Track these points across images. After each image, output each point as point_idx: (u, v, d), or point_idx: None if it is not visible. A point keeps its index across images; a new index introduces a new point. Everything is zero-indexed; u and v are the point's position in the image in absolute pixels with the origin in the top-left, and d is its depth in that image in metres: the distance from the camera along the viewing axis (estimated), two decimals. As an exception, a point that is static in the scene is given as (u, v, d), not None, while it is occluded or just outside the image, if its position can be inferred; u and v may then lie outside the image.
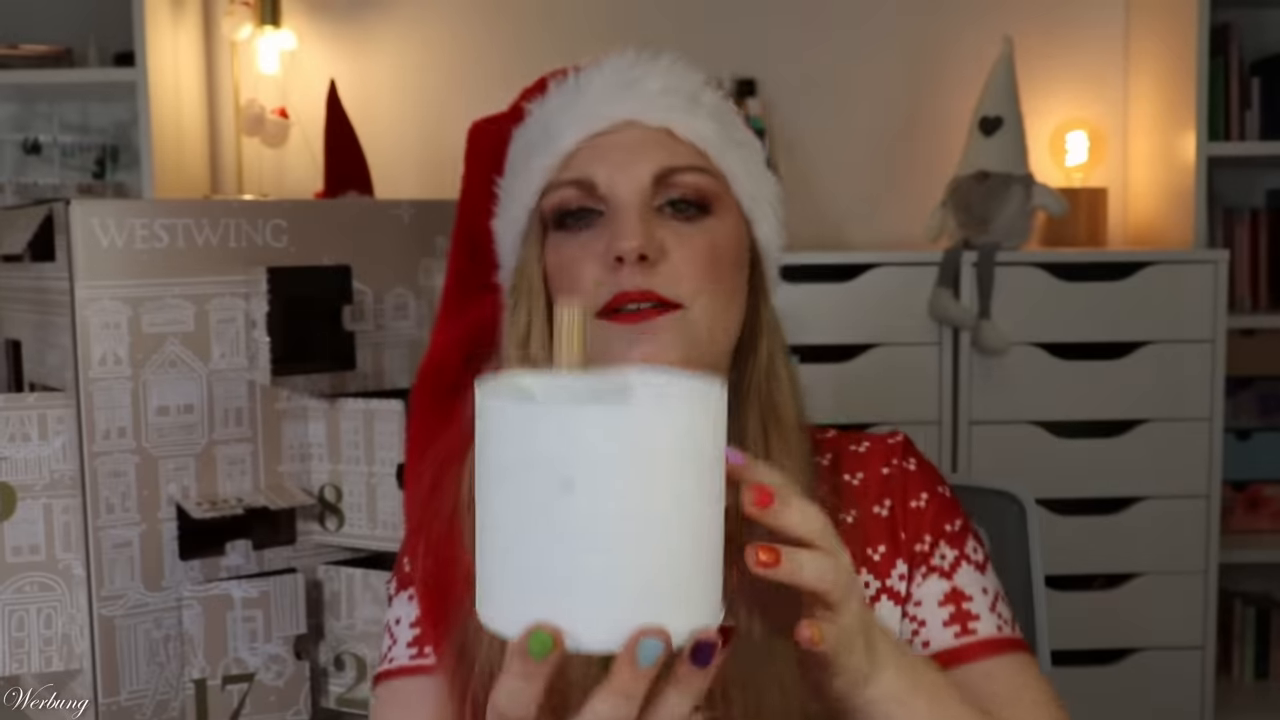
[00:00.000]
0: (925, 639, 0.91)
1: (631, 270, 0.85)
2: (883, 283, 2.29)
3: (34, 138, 2.72)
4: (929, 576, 0.92)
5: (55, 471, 1.14)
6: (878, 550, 0.94)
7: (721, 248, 0.89)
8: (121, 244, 1.12)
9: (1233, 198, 2.72)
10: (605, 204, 0.88)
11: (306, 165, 2.68)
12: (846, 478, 0.96)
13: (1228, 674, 2.66)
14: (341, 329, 1.18)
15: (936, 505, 0.95)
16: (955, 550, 0.93)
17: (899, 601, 0.92)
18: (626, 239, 0.84)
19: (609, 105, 0.90)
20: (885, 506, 0.95)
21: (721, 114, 0.92)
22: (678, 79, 0.92)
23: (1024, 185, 2.36)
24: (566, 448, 0.54)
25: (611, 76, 0.91)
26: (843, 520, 0.93)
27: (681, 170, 0.88)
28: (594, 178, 0.88)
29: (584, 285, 0.87)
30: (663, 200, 0.88)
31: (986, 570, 0.94)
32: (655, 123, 0.89)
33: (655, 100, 0.90)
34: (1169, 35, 2.49)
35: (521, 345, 0.90)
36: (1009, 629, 0.91)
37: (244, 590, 1.17)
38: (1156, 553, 2.32)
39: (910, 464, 0.97)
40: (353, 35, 2.75)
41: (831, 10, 2.71)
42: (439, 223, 1.27)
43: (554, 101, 0.93)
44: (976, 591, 0.92)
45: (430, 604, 0.94)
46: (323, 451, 1.22)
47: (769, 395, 0.91)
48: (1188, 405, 2.30)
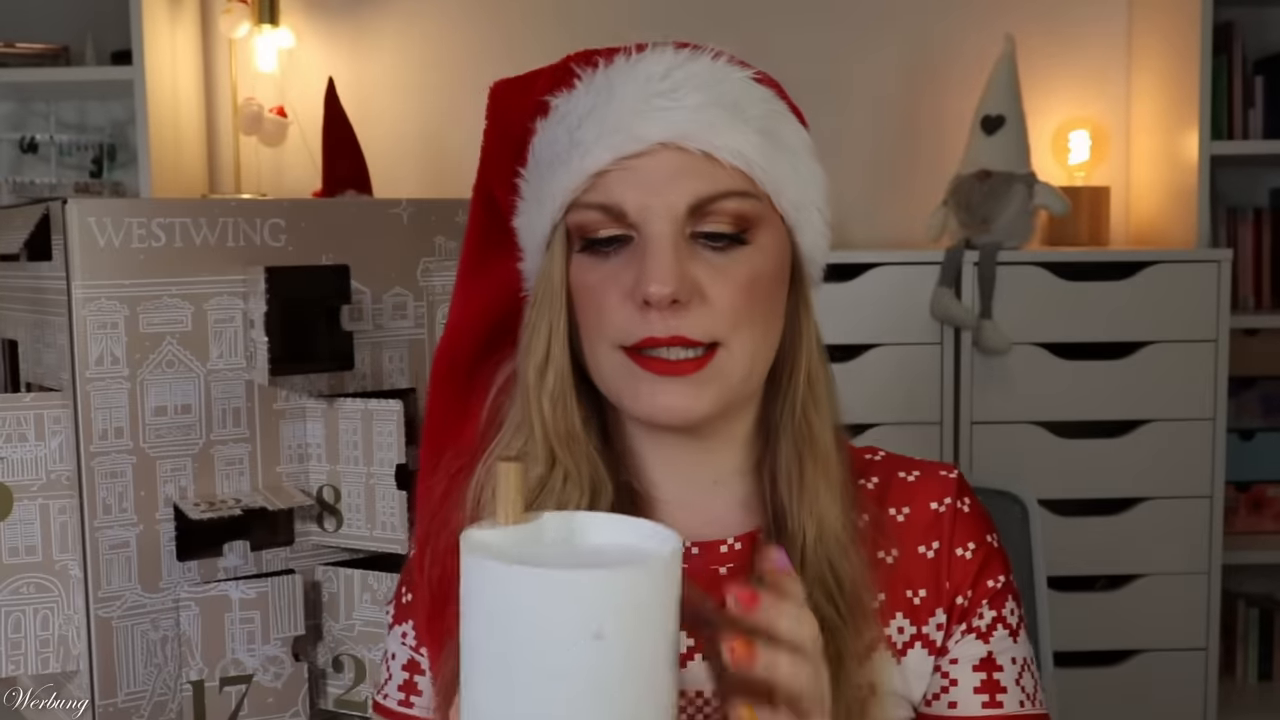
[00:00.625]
0: (954, 699, 0.89)
1: (662, 314, 0.80)
2: (884, 282, 2.28)
3: (31, 136, 2.71)
4: (967, 636, 0.89)
5: (52, 472, 1.13)
6: (918, 594, 0.90)
7: (760, 275, 0.83)
8: (119, 243, 1.11)
9: (1236, 197, 2.71)
10: (635, 231, 0.81)
11: (305, 164, 2.67)
12: (892, 512, 0.92)
13: (1231, 675, 2.65)
14: (340, 329, 1.17)
15: (983, 557, 0.91)
16: (994, 612, 0.90)
17: (933, 651, 0.89)
18: (657, 282, 0.78)
19: (642, 122, 0.81)
20: (932, 548, 0.90)
21: (769, 119, 0.84)
22: (720, 85, 0.82)
23: (1026, 184, 2.36)
24: (584, 608, 0.57)
25: (645, 85, 0.82)
26: (881, 560, 0.89)
27: (721, 197, 0.81)
28: (623, 205, 0.81)
29: (610, 320, 0.82)
30: (698, 229, 0.82)
31: (1019, 636, 0.91)
32: (695, 146, 0.80)
33: (695, 117, 0.81)
34: (1172, 33, 2.49)
35: (540, 372, 0.86)
36: (1030, 704, 0.89)
37: (242, 591, 1.16)
38: (1159, 554, 2.32)
39: (964, 505, 0.92)
40: (351, 33, 2.74)
41: (832, 9, 2.70)
42: (438, 222, 1.26)
43: (581, 102, 0.84)
44: (1007, 661, 0.89)
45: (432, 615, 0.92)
46: (321, 452, 1.21)
47: (805, 423, 0.87)
48: (1190, 405, 2.30)
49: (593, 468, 0.87)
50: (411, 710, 0.96)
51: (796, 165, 0.85)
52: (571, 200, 0.83)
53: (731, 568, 0.89)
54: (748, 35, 2.64)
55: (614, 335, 0.82)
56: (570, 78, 0.85)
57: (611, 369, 0.84)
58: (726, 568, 0.89)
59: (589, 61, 0.85)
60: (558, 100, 0.85)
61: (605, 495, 0.87)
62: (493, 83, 0.91)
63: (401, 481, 1.17)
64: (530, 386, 0.87)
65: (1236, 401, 2.62)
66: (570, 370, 0.87)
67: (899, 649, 0.89)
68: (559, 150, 0.84)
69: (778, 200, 0.84)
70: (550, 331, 0.86)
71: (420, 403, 1.25)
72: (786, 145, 0.85)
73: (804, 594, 0.68)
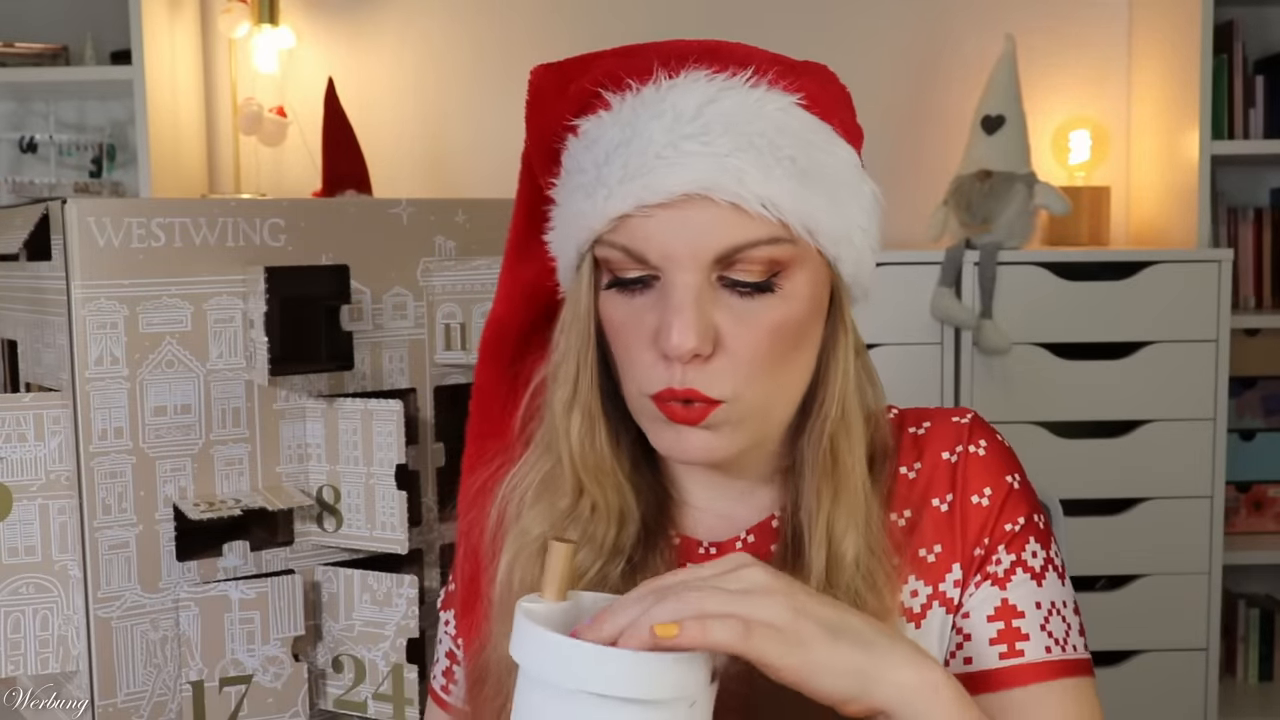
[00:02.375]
0: (968, 655, 0.85)
1: (682, 367, 0.79)
2: (884, 282, 2.28)
3: (30, 136, 2.71)
4: (982, 585, 0.86)
5: (51, 472, 1.13)
6: (933, 550, 0.87)
7: (786, 322, 0.81)
8: (118, 243, 1.11)
9: (1236, 197, 2.71)
10: (660, 273, 0.80)
11: (304, 164, 2.67)
12: (904, 470, 0.89)
13: (1231, 676, 2.65)
14: (339, 329, 1.17)
15: (1000, 500, 0.87)
16: (1012, 555, 0.86)
17: (951, 609, 0.86)
18: (676, 337, 0.77)
19: (667, 170, 0.77)
20: (946, 501, 0.87)
21: (807, 152, 0.80)
22: (753, 124, 0.78)
23: (1026, 184, 2.35)
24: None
25: (673, 125, 0.78)
26: (893, 523, 0.87)
27: (750, 247, 0.78)
28: (646, 253, 0.79)
29: (636, 367, 0.82)
30: (726, 274, 0.79)
31: (1045, 579, 0.86)
32: (722, 197, 0.77)
33: (723, 165, 0.77)
34: (1172, 33, 2.48)
35: (567, 407, 0.86)
36: (1061, 649, 0.84)
37: (241, 592, 1.16)
38: (1160, 554, 2.31)
39: (978, 448, 0.89)
40: (351, 33, 2.74)
41: (832, 9, 2.70)
42: (438, 222, 1.26)
43: (608, 134, 0.80)
44: (1030, 606, 0.85)
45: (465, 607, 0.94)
46: (320, 452, 1.21)
47: (830, 456, 0.84)
48: (1191, 405, 2.29)
49: (620, 499, 0.88)
50: (449, 697, 0.99)
51: (836, 194, 0.82)
52: (597, 237, 0.81)
53: None
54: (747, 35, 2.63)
55: (640, 382, 0.82)
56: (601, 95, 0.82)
57: (639, 410, 0.84)
58: None
59: (619, 84, 0.81)
60: (586, 125, 0.82)
61: (631, 526, 0.88)
62: (532, 69, 0.88)
63: (401, 481, 1.17)
64: (558, 417, 0.87)
65: (1237, 402, 2.62)
66: (597, 404, 0.86)
67: (916, 613, 0.86)
68: (585, 181, 0.81)
69: (814, 240, 0.81)
70: (578, 366, 0.85)
71: (420, 403, 1.25)
72: (825, 177, 0.81)
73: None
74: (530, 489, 0.89)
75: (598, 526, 0.87)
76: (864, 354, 0.90)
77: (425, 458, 1.26)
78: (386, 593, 1.18)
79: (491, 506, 0.90)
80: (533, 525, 0.88)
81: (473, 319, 1.24)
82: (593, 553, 0.87)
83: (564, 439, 0.87)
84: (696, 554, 0.91)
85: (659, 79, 0.80)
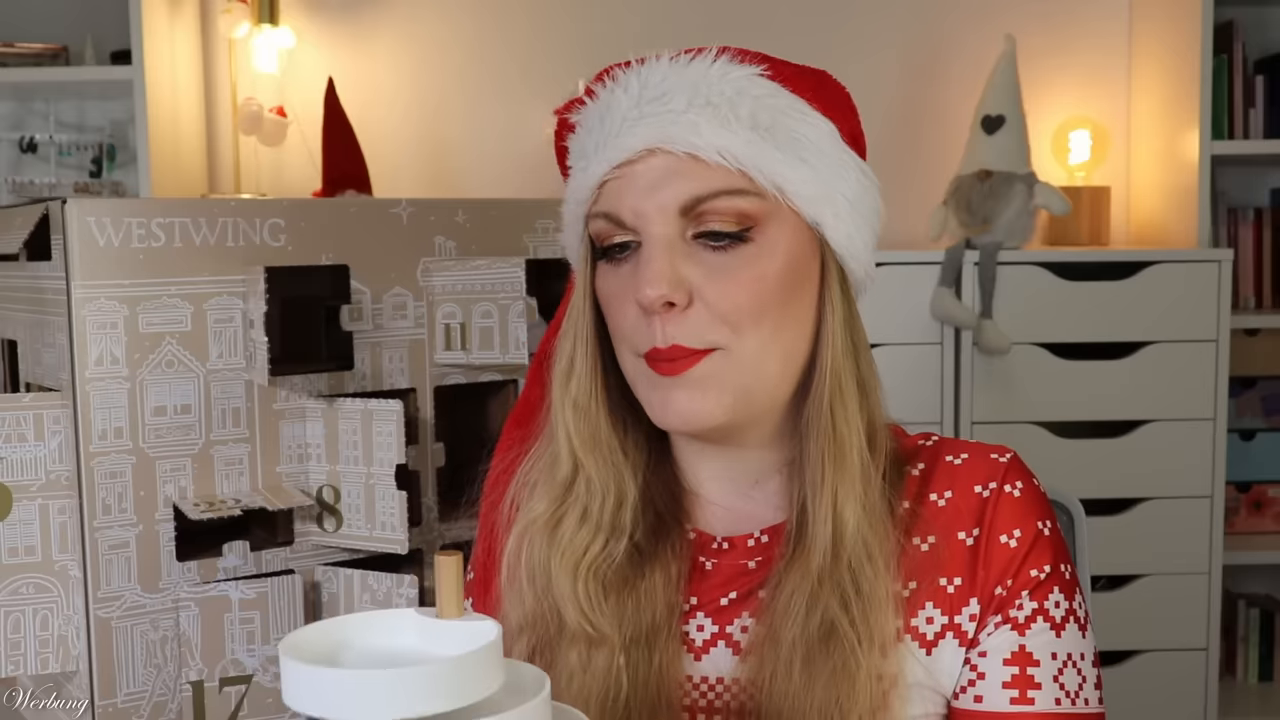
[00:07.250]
0: (980, 694, 0.85)
1: (661, 319, 0.81)
2: (884, 282, 2.28)
3: (30, 136, 2.71)
4: (1001, 628, 0.85)
5: (51, 472, 1.13)
6: (953, 582, 0.86)
7: (766, 274, 0.82)
8: (118, 243, 1.11)
9: (1236, 196, 2.71)
10: (638, 236, 0.83)
11: (304, 164, 2.67)
12: (933, 498, 0.88)
13: (1231, 676, 2.65)
14: (340, 329, 1.17)
15: (1028, 544, 0.86)
16: (1035, 603, 0.85)
17: (965, 643, 0.86)
18: (647, 287, 0.80)
19: (629, 131, 0.83)
20: (972, 535, 0.87)
21: (770, 114, 0.83)
22: (713, 86, 0.83)
23: (1026, 184, 2.35)
24: None
25: (637, 92, 0.84)
26: (915, 547, 0.87)
27: (713, 196, 0.81)
28: (620, 212, 0.83)
29: (626, 328, 0.84)
30: (696, 230, 0.82)
31: (1065, 630, 0.86)
32: (678, 148, 0.81)
33: (679, 120, 0.82)
34: (1172, 33, 2.48)
35: (564, 379, 0.89)
36: (1071, 703, 0.84)
37: (241, 592, 1.16)
38: (1159, 554, 2.32)
39: (1014, 488, 0.88)
40: (351, 33, 2.74)
41: (832, 9, 2.70)
42: (438, 222, 1.26)
43: (589, 117, 0.87)
44: (1045, 656, 0.84)
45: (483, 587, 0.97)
46: (320, 452, 1.21)
47: (830, 425, 0.85)
48: (1191, 405, 2.29)
49: (617, 474, 0.89)
50: None
51: (811, 160, 0.84)
52: (586, 212, 0.87)
53: (760, 561, 0.90)
54: (747, 35, 2.63)
55: (630, 342, 0.85)
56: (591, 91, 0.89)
57: (634, 376, 0.86)
58: (755, 561, 0.90)
59: (601, 78, 0.88)
60: (577, 117, 0.89)
61: (629, 503, 0.89)
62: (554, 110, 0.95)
63: (401, 482, 1.17)
64: (555, 390, 0.89)
65: (1237, 402, 2.62)
66: (594, 376, 0.89)
67: (929, 640, 0.86)
68: (575, 165, 0.88)
69: (786, 197, 0.83)
70: (575, 338, 0.88)
71: (420, 403, 1.25)
72: (796, 142, 0.83)
73: None
74: (536, 469, 0.92)
75: (593, 500, 0.88)
76: (865, 351, 0.89)
77: (425, 458, 1.26)
78: (386, 593, 1.18)
79: (510, 487, 0.93)
80: (538, 504, 0.90)
81: (473, 319, 1.24)
82: (590, 529, 0.88)
83: (559, 411, 0.89)
84: (710, 549, 0.91)
85: (634, 63, 0.87)
